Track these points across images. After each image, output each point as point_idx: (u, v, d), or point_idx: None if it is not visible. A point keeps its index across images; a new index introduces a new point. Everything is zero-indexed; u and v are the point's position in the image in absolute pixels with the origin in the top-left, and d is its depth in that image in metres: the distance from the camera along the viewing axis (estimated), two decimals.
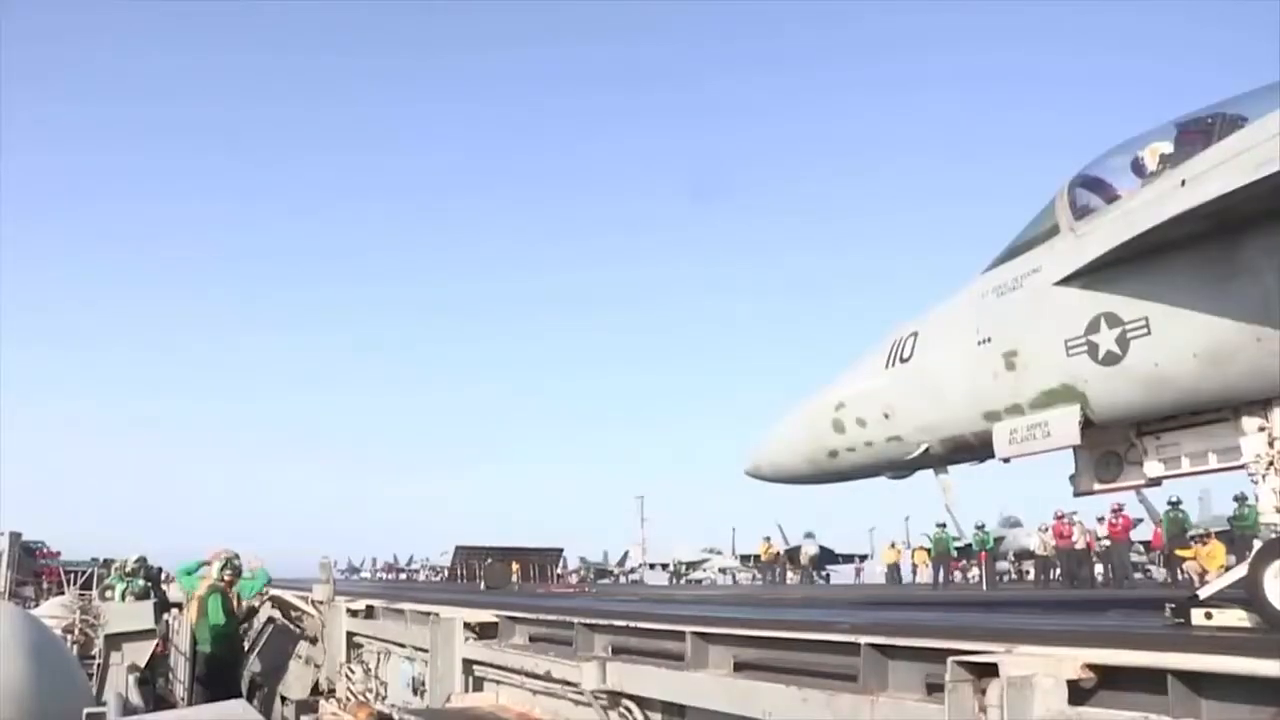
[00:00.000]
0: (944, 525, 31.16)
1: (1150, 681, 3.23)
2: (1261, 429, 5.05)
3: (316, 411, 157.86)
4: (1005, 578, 36.63)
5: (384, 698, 10.88)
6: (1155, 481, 5.89)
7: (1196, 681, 3.12)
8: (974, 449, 6.84)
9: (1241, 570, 4.76)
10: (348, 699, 11.50)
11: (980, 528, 31.51)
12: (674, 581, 55.00)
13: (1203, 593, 4.99)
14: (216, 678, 13.28)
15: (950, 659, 3.58)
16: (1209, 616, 4.78)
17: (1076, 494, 6.38)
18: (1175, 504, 24.85)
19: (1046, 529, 28.45)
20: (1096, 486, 6.19)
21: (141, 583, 17.80)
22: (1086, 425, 5.77)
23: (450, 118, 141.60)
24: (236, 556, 13.99)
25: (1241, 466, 5.14)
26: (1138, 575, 29.31)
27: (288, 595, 15.42)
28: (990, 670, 3.46)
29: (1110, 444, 6.06)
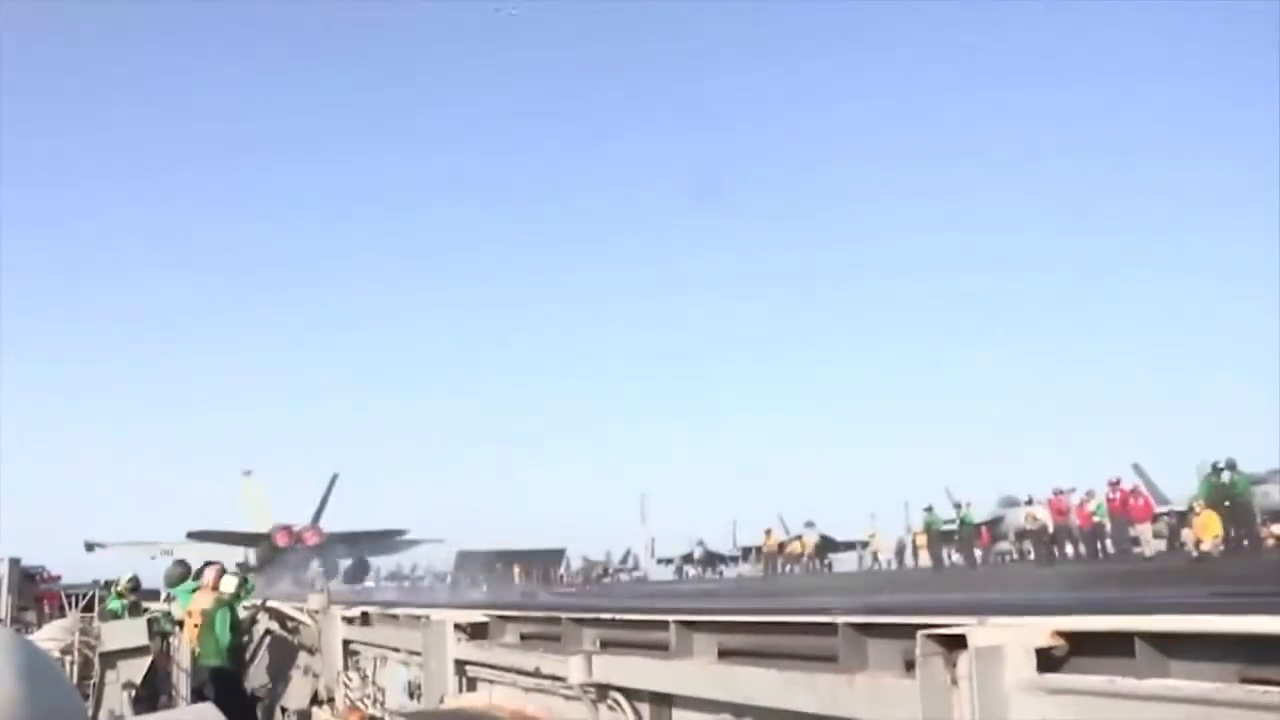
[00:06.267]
0: (931, 508, 31.26)
1: (1118, 645, 3.22)
2: None
3: (321, 412, 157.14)
4: (1007, 558, 36.68)
5: (382, 703, 10.87)
6: None
7: (1164, 643, 3.11)
8: None
9: None
10: (345, 705, 11.49)
11: (958, 506, 31.65)
12: (681, 576, 55.13)
13: None
14: (228, 693, 13.22)
15: (920, 633, 3.57)
16: None
17: None
18: (1224, 468, 22.05)
19: (1031, 502, 28.53)
20: None
21: (134, 600, 17.92)
22: None
23: (451, 117, 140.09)
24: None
25: None
26: (1137, 550, 29.31)
27: (283, 606, 15.40)
28: (960, 642, 3.45)
29: None
